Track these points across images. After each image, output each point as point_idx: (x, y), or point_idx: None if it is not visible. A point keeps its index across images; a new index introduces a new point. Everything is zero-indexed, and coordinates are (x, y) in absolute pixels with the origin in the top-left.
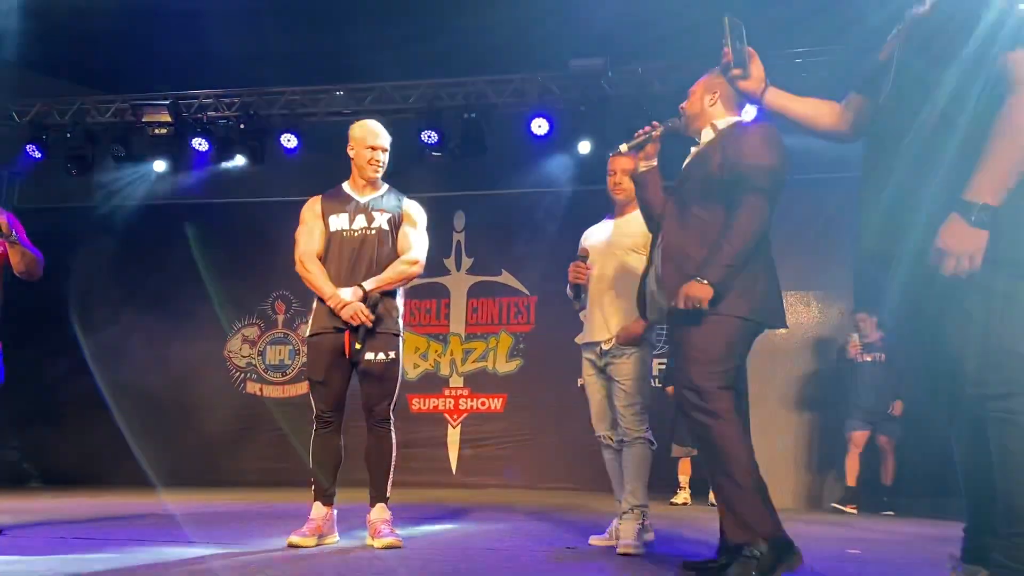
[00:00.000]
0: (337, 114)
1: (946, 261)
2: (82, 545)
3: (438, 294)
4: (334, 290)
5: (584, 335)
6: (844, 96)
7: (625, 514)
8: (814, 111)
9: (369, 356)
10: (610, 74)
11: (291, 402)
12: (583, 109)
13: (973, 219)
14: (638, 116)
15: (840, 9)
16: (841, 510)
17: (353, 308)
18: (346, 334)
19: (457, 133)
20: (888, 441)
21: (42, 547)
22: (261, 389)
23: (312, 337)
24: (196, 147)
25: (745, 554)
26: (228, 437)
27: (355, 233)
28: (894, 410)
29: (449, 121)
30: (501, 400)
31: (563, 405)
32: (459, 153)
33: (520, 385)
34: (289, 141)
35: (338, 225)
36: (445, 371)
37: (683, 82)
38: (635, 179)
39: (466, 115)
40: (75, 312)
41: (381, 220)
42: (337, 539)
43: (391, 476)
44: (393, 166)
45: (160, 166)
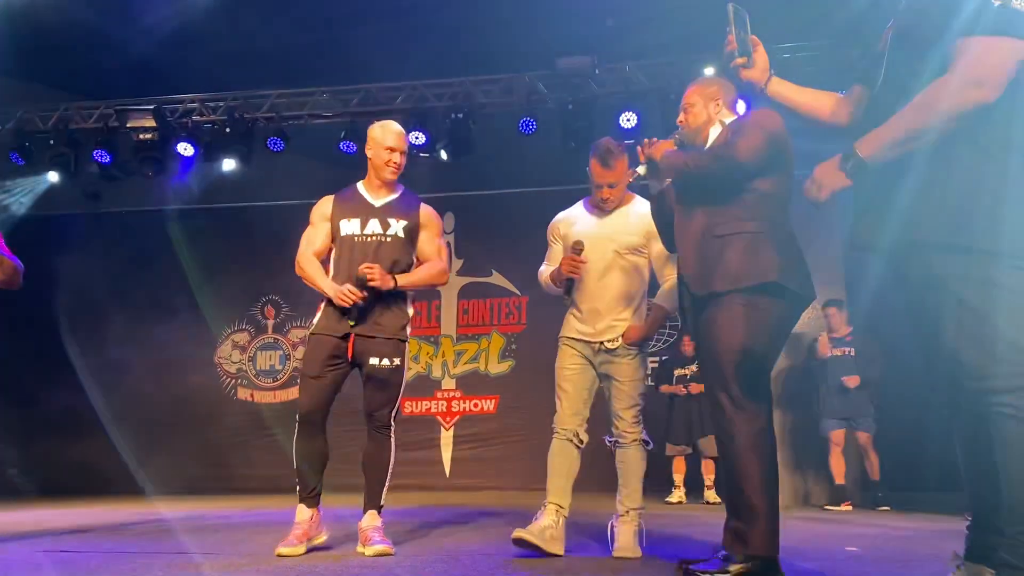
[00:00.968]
0: (323, 116)
1: (806, 183)
2: (66, 559)
3: (429, 296)
4: (331, 283)
5: (579, 330)
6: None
7: (622, 517)
8: (816, 102)
9: (374, 361)
10: (597, 72)
11: (283, 408)
12: (571, 108)
13: (845, 165)
14: (626, 115)
15: (822, 2)
16: (834, 511)
17: (336, 290)
18: (350, 339)
19: (445, 134)
20: (866, 437)
21: (23, 562)
22: (252, 395)
23: (315, 334)
24: (181, 152)
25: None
26: (220, 444)
27: (368, 239)
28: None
29: (436, 122)
30: (494, 402)
31: None
32: (447, 154)
33: (513, 386)
34: (276, 144)
35: (349, 230)
36: (437, 373)
37: (670, 80)
38: (656, 196)
39: (454, 115)
40: (62, 321)
41: (397, 227)
42: (325, 538)
43: (387, 484)
44: None
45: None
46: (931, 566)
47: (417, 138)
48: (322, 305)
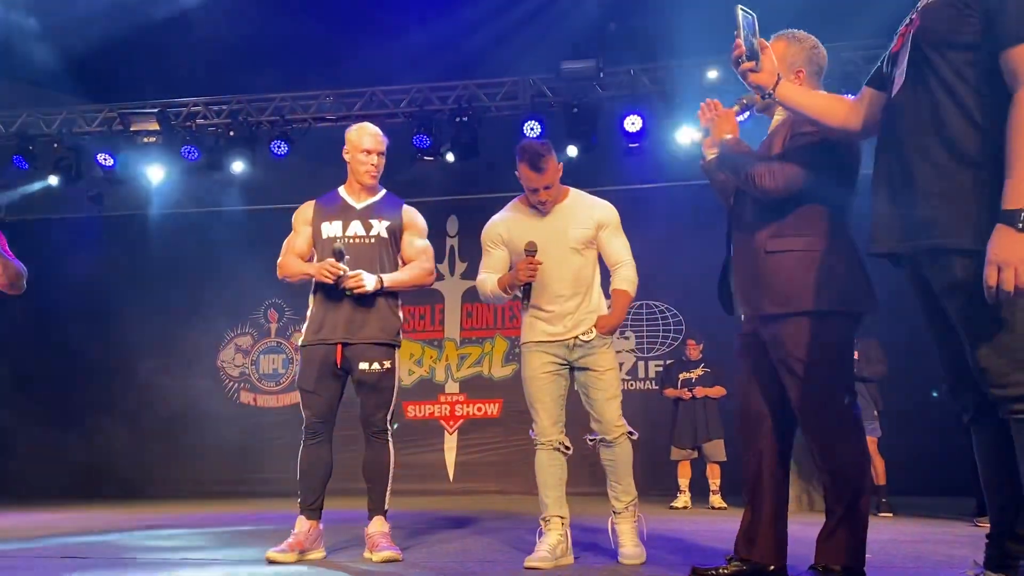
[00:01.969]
0: (327, 119)
1: (1005, 274)
2: (63, 564)
3: (432, 299)
4: (312, 264)
5: (547, 332)
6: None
7: (621, 515)
8: (826, 106)
9: (363, 366)
10: (602, 75)
11: (285, 412)
12: (575, 111)
13: (1021, 226)
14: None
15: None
16: None
17: (318, 267)
18: (338, 347)
19: (449, 137)
20: (872, 442)
21: (27, 566)
22: (255, 399)
23: (304, 347)
24: (185, 155)
25: None
26: (222, 448)
27: (351, 241)
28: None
29: (440, 125)
30: (497, 405)
31: None
32: (451, 157)
33: (516, 389)
34: (279, 147)
35: (331, 232)
36: (440, 377)
37: (675, 84)
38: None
39: (458, 119)
40: (63, 324)
41: (380, 228)
42: (323, 555)
43: (389, 488)
44: (384, 171)
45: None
46: (944, 573)
47: (421, 141)
48: (309, 314)
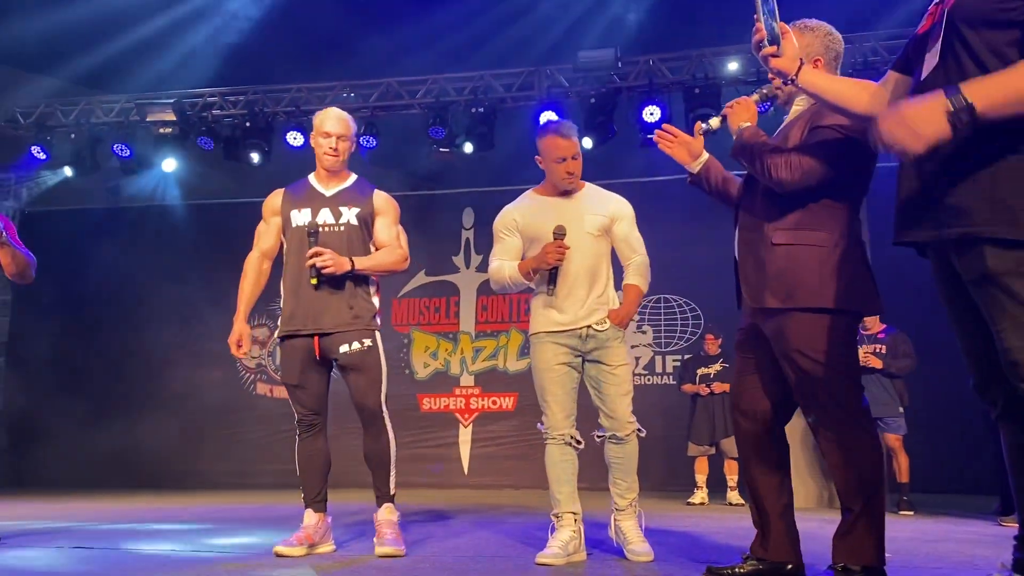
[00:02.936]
0: (344, 111)
1: (882, 128)
2: (82, 555)
3: (447, 292)
4: (241, 320)
5: (558, 322)
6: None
7: (624, 511)
8: (850, 92)
9: (344, 348)
10: (620, 65)
11: None
12: (593, 102)
13: (957, 118)
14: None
15: None
16: None
17: (231, 340)
18: (315, 339)
19: (464, 128)
20: (895, 439)
21: (39, 556)
22: (271, 390)
23: (282, 341)
24: (201, 146)
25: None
26: (239, 439)
27: (321, 230)
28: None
29: (457, 116)
30: (512, 399)
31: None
32: (469, 148)
33: (531, 383)
34: (295, 139)
35: (300, 220)
36: (455, 370)
37: (694, 73)
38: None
39: (474, 110)
40: (80, 316)
41: (349, 215)
42: (333, 548)
43: (393, 473)
44: (400, 163)
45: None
46: (967, 574)
47: (437, 133)
48: (282, 304)
